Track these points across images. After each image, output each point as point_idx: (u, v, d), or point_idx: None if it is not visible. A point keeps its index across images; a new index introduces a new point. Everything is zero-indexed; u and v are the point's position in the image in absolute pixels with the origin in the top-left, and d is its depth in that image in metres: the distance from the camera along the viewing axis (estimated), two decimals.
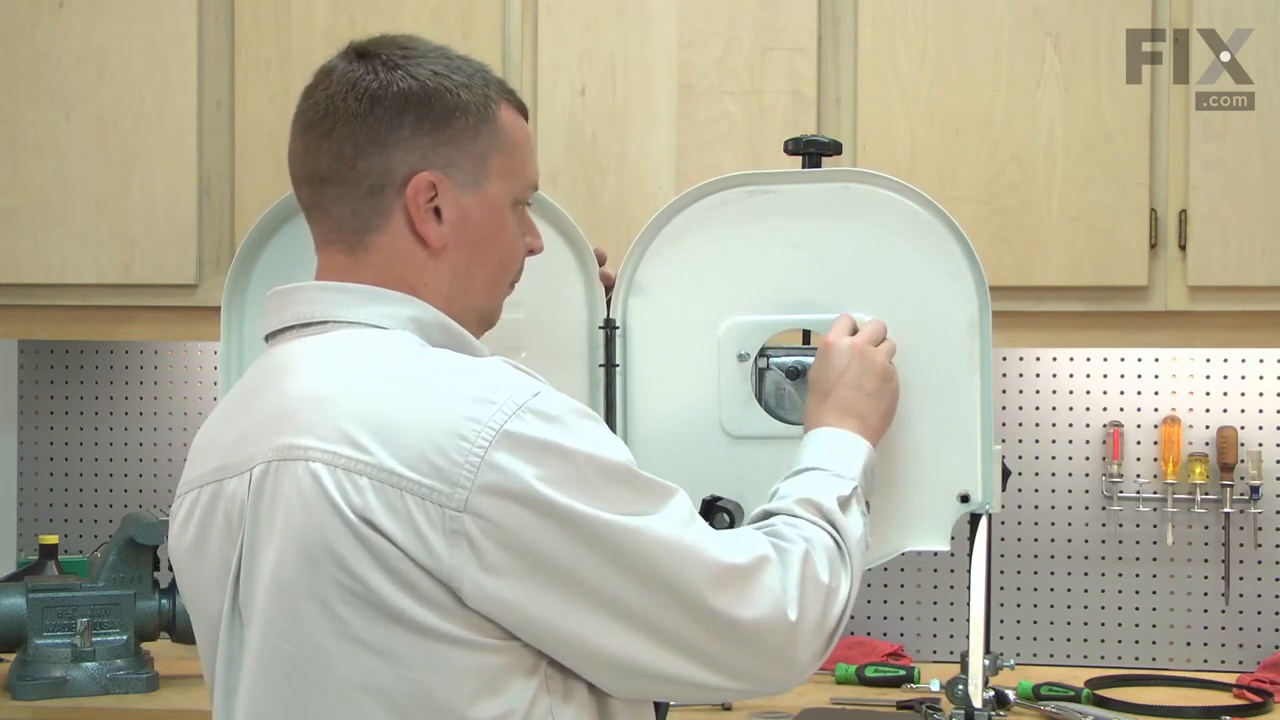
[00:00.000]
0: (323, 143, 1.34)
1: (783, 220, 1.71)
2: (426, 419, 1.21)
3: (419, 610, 1.19)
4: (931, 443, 1.68)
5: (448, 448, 1.19)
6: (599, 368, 1.74)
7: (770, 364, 1.73)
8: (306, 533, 1.21)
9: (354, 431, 1.21)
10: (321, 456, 1.22)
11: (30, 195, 2.51)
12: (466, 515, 1.18)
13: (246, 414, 1.31)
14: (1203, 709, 2.37)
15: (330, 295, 1.34)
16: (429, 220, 1.34)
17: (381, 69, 1.34)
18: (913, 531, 1.69)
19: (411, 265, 1.34)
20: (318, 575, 1.20)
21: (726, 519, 1.66)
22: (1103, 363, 2.68)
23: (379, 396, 1.24)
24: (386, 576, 1.19)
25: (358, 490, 1.20)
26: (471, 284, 1.38)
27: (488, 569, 1.19)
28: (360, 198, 1.34)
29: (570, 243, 1.74)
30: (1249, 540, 2.64)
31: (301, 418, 1.25)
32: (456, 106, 1.35)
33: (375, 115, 1.33)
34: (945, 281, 1.68)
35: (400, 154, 1.33)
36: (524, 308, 1.73)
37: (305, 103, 1.37)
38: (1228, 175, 2.26)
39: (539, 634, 1.22)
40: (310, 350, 1.31)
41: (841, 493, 1.45)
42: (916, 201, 1.68)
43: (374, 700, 1.21)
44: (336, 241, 1.35)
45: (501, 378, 1.25)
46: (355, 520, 1.19)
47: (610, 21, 2.39)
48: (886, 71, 2.33)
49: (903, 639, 2.73)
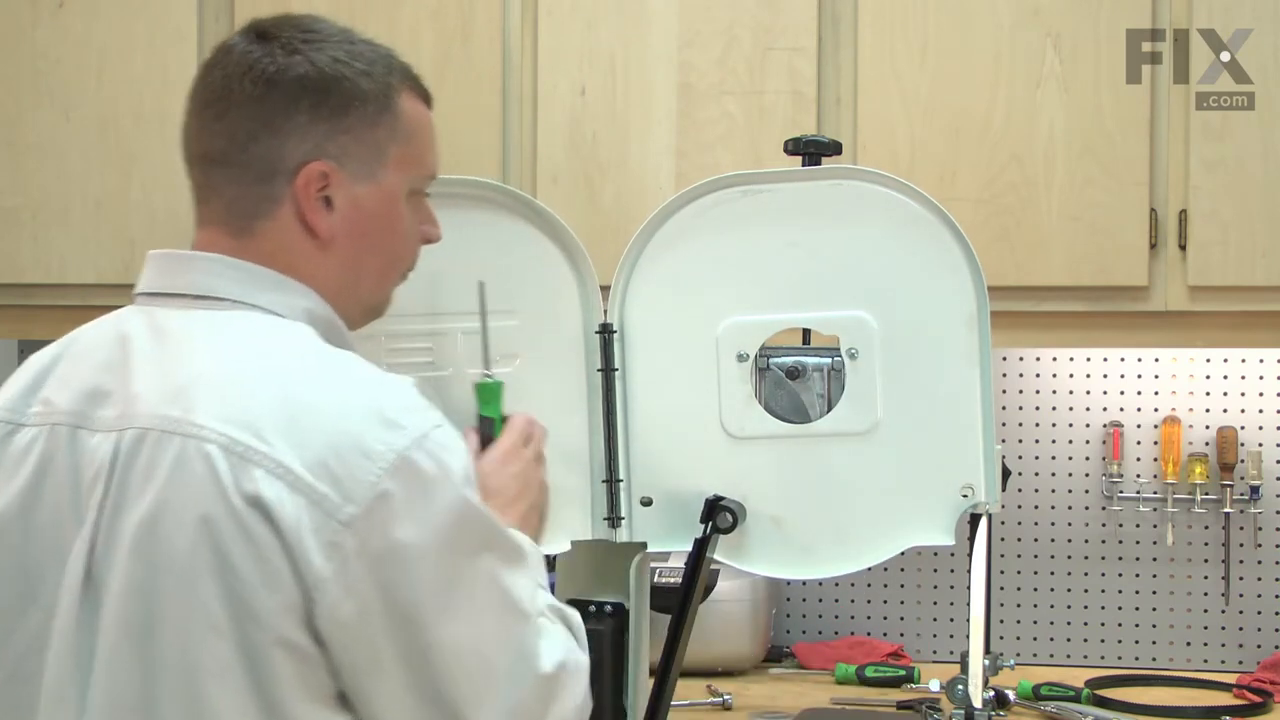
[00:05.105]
0: (216, 124, 1.32)
1: (778, 219, 1.71)
2: (335, 426, 1.20)
3: (276, 611, 1.17)
4: (933, 438, 1.69)
5: (350, 461, 1.18)
6: (597, 372, 1.74)
7: (770, 364, 1.73)
8: (183, 510, 1.18)
9: (259, 422, 1.19)
10: (218, 439, 1.19)
11: (30, 195, 2.51)
12: (349, 532, 1.17)
13: (122, 370, 1.27)
14: (1203, 709, 2.37)
15: (228, 272, 1.31)
16: (319, 210, 1.32)
17: (280, 52, 1.32)
18: (916, 528, 1.70)
19: (299, 254, 1.33)
20: (190, 555, 1.17)
21: (730, 519, 1.66)
22: (1103, 363, 2.68)
23: (290, 391, 1.22)
24: (257, 568, 1.17)
25: (250, 479, 1.17)
26: (360, 275, 1.37)
27: (349, 591, 1.17)
28: (250, 183, 1.32)
29: (565, 248, 1.73)
30: (1249, 540, 2.64)
31: (201, 396, 1.22)
32: (355, 95, 1.33)
33: (271, 100, 1.31)
34: (942, 276, 1.68)
35: (294, 141, 1.31)
36: (520, 314, 1.73)
37: (202, 80, 1.35)
38: (1228, 175, 2.26)
39: (356, 675, 1.20)
40: (207, 327, 1.28)
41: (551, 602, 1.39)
42: (910, 197, 1.68)
43: (219, 689, 1.18)
44: (224, 224, 1.33)
45: (411, 400, 1.24)
46: (241, 507, 1.17)
47: (610, 21, 2.39)
48: (886, 71, 2.33)
49: (903, 639, 2.73)
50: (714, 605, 2.40)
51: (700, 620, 1.74)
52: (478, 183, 1.75)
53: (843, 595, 2.75)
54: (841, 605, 2.75)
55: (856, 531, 1.72)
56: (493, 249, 1.73)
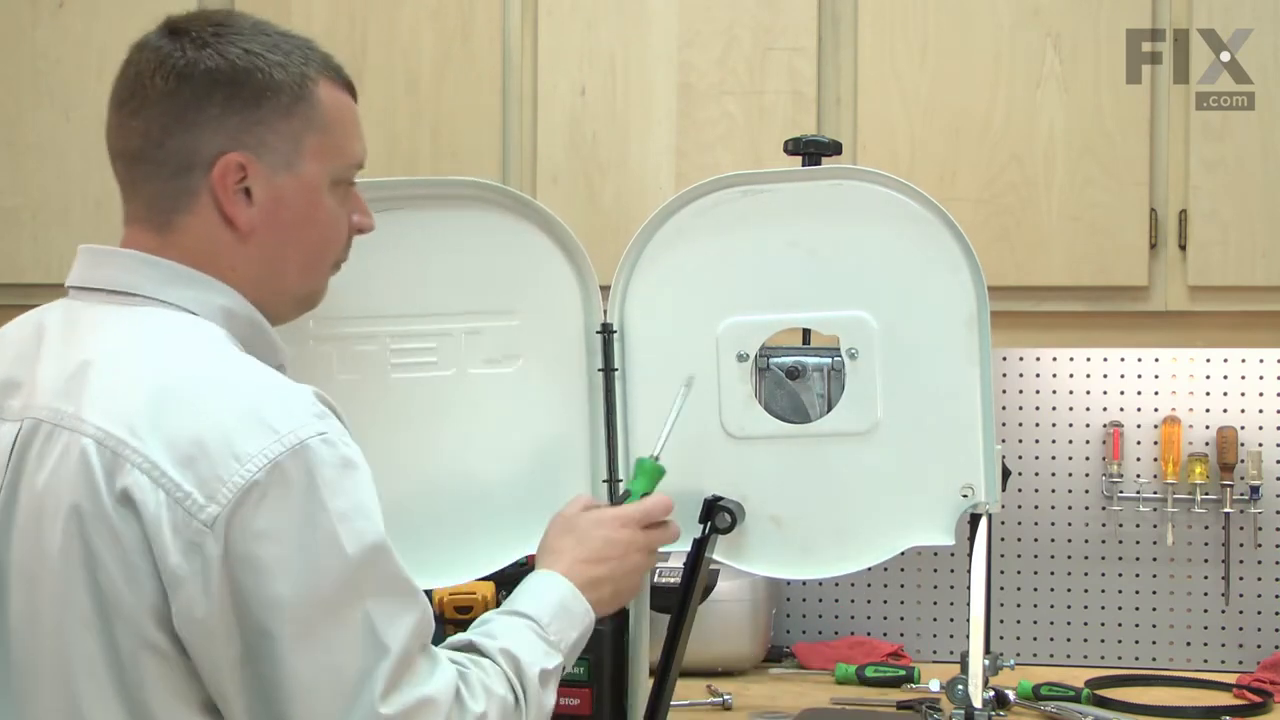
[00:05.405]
0: (132, 120, 1.33)
1: (778, 219, 1.71)
2: (210, 425, 1.18)
3: (139, 610, 1.17)
4: (933, 438, 1.69)
5: (217, 461, 1.17)
6: (598, 372, 1.74)
7: (770, 364, 1.73)
8: (59, 503, 1.19)
9: (136, 418, 1.19)
10: (95, 434, 1.19)
11: (30, 195, 2.51)
12: (211, 534, 1.16)
13: (32, 361, 1.29)
14: (1203, 709, 2.37)
15: (144, 269, 1.31)
16: (237, 202, 1.32)
17: (190, 47, 1.32)
18: (916, 528, 1.70)
19: (219, 247, 1.32)
20: (63, 549, 1.18)
21: (728, 519, 1.66)
22: (1103, 363, 2.68)
23: (173, 389, 1.21)
24: (122, 567, 1.17)
25: (121, 475, 1.17)
26: (284, 267, 1.36)
27: (205, 592, 1.16)
28: (167, 178, 1.32)
29: (565, 248, 1.73)
30: (1249, 540, 2.64)
31: (88, 390, 1.22)
32: (268, 86, 1.32)
33: (182, 94, 1.31)
34: (942, 275, 1.68)
35: (208, 134, 1.31)
36: (520, 314, 1.73)
37: (119, 79, 1.36)
38: (1228, 175, 2.26)
39: (211, 673, 1.18)
40: (114, 323, 1.29)
41: (547, 666, 1.38)
42: (910, 196, 1.68)
43: (88, 685, 1.18)
44: (146, 220, 1.34)
45: (297, 407, 1.21)
46: (110, 503, 1.17)
47: (610, 21, 2.39)
48: (886, 71, 2.33)
49: (903, 639, 2.73)
50: (714, 605, 2.40)
51: (700, 620, 1.74)
52: (478, 183, 1.75)
53: (843, 595, 2.75)
54: (841, 605, 2.75)
55: (856, 531, 1.72)
56: (493, 249, 1.73)
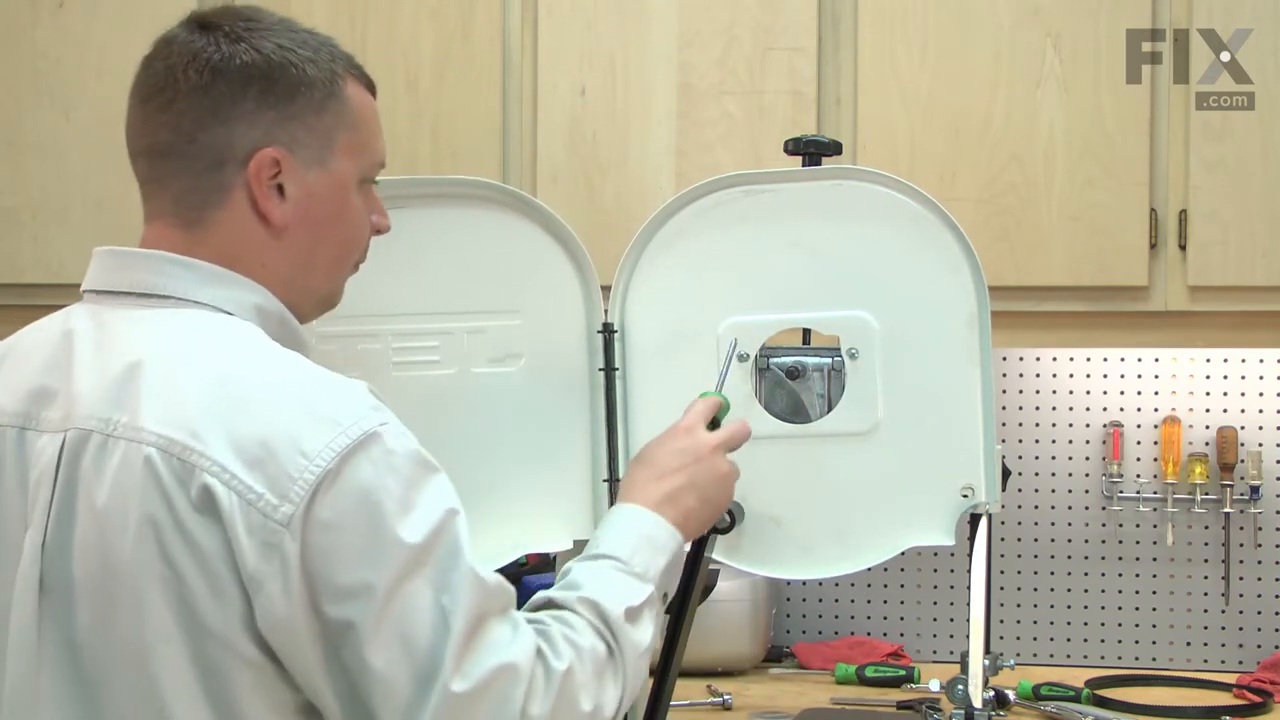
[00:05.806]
0: (161, 115, 1.30)
1: (778, 219, 1.71)
2: (271, 424, 1.17)
3: (225, 622, 1.15)
4: (933, 438, 1.69)
5: (285, 460, 1.16)
6: (598, 372, 1.74)
7: (770, 364, 1.73)
8: (127, 516, 1.17)
9: (196, 422, 1.17)
10: (156, 441, 1.17)
11: (30, 195, 2.51)
12: (287, 533, 1.15)
13: (66, 369, 1.26)
14: (1203, 709, 2.37)
15: (174, 270, 1.29)
16: (272, 198, 1.30)
17: (224, 41, 1.30)
18: (916, 528, 1.70)
19: (251, 244, 1.31)
20: (136, 563, 1.16)
21: (728, 519, 1.66)
22: (1103, 363, 2.68)
23: (229, 390, 1.19)
24: (204, 579, 1.15)
25: (193, 480, 1.16)
26: (313, 265, 1.35)
27: (288, 592, 1.15)
28: (199, 173, 1.29)
29: (566, 247, 1.73)
30: (1249, 540, 2.64)
31: (141, 396, 1.20)
32: (302, 81, 1.31)
33: (217, 88, 1.29)
34: (942, 276, 1.68)
35: (242, 129, 1.29)
36: (521, 314, 1.73)
37: (144, 73, 1.33)
38: (1228, 175, 2.26)
39: (302, 674, 1.17)
40: (151, 326, 1.26)
41: (632, 602, 1.34)
42: (911, 196, 1.69)
43: (176, 698, 1.16)
44: (172, 216, 1.31)
45: (355, 399, 1.21)
46: (185, 511, 1.15)
47: (610, 21, 2.39)
48: (886, 71, 2.33)
49: (903, 639, 2.73)
50: (714, 605, 2.40)
51: (700, 620, 1.74)
52: (478, 183, 1.75)
53: (843, 595, 2.75)
54: (841, 605, 2.75)
55: (856, 531, 1.72)
56: (495, 248, 1.73)
